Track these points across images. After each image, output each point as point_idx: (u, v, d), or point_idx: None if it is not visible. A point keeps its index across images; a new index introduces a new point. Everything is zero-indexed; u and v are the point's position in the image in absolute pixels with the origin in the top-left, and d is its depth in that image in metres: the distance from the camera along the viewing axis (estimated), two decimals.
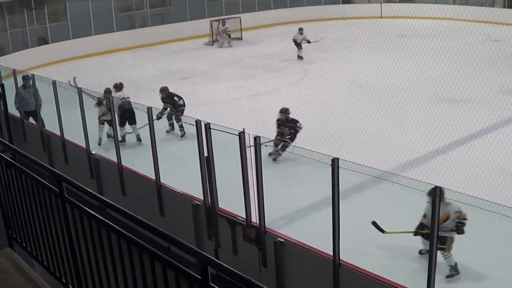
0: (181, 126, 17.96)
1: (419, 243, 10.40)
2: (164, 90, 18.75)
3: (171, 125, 18.59)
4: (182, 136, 17.92)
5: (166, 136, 18.23)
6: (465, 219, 9.89)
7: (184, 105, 18.67)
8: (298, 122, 16.19)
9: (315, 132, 16.59)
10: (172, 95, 18.73)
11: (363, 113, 18.52)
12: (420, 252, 10.49)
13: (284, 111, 16.38)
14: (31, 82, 18.52)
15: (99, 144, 17.41)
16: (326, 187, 9.28)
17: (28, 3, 35.98)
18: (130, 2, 39.90)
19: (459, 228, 9.82)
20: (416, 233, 10.07)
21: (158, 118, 17.42)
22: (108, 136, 17.69)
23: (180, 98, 18.73)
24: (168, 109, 18.65)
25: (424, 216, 10.16)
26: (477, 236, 10.66)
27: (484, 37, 29.86)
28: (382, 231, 10.68)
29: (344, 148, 14.06)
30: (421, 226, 10.13)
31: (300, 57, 29.91)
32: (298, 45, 30.08)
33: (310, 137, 15.95)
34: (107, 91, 18.23)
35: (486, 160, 13.79)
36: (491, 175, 13.35)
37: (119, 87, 18.72)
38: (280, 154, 15.39)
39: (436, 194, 7.99)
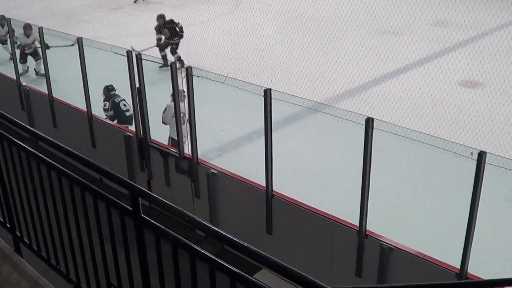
0: (179, 58, 17.09)
1: None
2: (162, 17, 18.11)
3: (164, 57, 17.48)
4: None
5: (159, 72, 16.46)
6: None
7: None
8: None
9: (248, 64, 16.50)
10: (171, 20, 18.06)
11: (296, 44, 18.46)
12: None
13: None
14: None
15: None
16: (258, 118, 9.27)
17: None
18: None
19: None
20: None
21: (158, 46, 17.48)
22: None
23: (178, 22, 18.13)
24: (163, 38, 17.98)
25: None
26: (410, 166, 10.86)
27: None
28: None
29: (277, 79, 14.03)
30: None
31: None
32: None
33: (243, 68, 15.87)
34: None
35: (418, 92, 13.96)
36: (423, 106, 13.53)
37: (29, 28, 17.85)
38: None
39: (369, 126, 8.05)
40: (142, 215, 3.78)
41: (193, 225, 3.58)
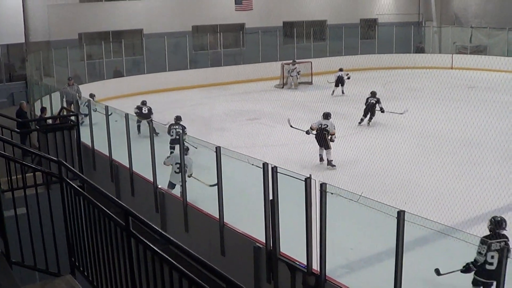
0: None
1: None
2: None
3: None
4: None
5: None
6: None
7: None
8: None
9: (382, 181, 16.47)
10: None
11: (430, 164, 18.32)
12: None
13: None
14: (73, 81, 26.89)
15: None
16: (389, 238, 9.16)
17: (106, 35, 37.07)
18: (204, 42, 40.46)
19: None
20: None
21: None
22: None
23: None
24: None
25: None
26: None
27: None
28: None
29: (410, 200, 13.90)
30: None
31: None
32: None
33: (376, 186, 15.85)
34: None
35: None
36: None
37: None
38: None
39: (503, 255, 7.81)
40: None
41: None
